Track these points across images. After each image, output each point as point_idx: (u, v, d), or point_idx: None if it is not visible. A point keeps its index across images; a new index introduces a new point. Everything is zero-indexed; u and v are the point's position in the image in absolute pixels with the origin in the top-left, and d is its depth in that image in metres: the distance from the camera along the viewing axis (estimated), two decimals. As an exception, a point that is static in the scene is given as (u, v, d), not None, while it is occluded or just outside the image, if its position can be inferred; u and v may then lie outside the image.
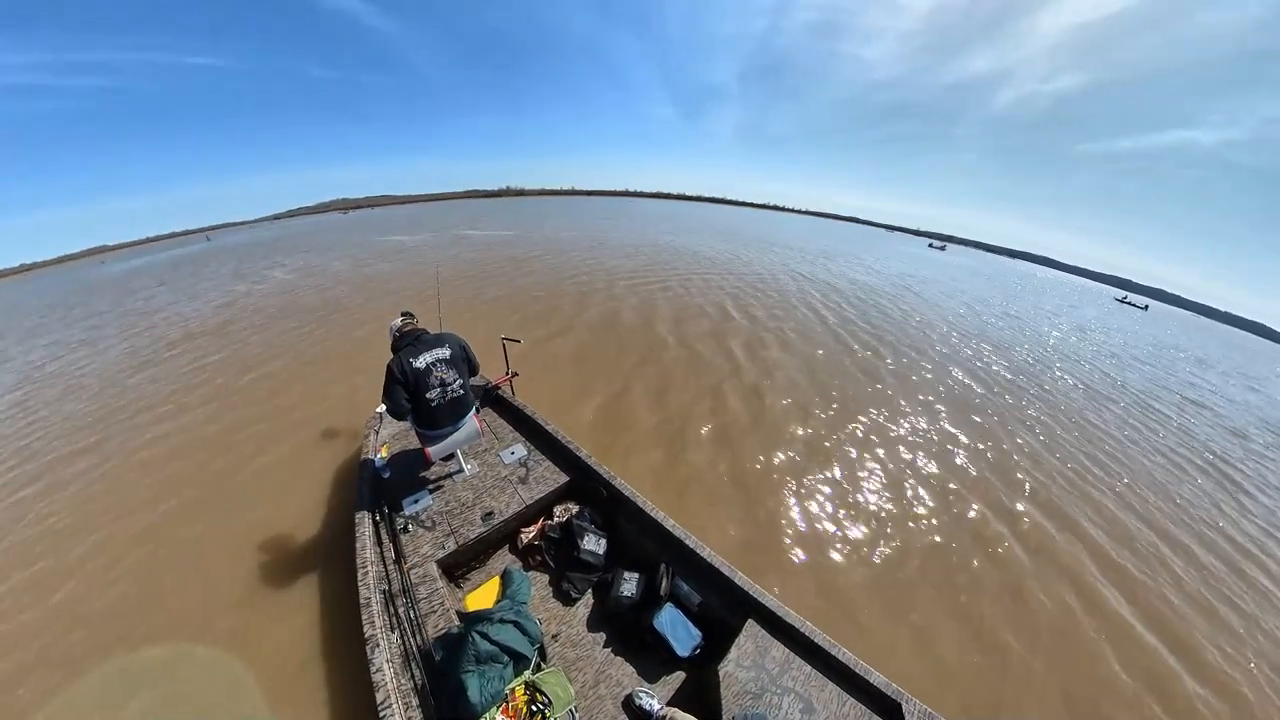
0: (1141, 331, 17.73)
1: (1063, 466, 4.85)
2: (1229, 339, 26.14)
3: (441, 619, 1.99)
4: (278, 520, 3.24)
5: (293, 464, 3.90)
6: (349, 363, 6.01)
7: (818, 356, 7.08)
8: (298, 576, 2.77)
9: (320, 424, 4.47)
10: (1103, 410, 6.85)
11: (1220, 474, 5.43)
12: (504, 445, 3.10)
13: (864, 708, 1.74)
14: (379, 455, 2.90)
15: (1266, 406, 9.39)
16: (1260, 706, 2.62)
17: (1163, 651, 2.86)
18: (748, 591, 2.05)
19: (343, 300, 9.34)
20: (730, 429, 4.63)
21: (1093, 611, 3.06)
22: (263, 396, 5.16)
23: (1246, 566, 3.78)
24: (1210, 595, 3.39)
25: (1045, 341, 11.14)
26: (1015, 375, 7.73)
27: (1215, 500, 4.76)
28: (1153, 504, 4.46)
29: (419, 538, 2.38)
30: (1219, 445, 6.39)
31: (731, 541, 3.23)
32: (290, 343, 6.89)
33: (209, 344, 7.11)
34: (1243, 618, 3.23)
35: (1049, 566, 3.40)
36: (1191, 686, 2.67)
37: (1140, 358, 11.88)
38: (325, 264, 14.14)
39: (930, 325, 10.34)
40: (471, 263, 12.82)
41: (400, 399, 2.24)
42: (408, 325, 2.49)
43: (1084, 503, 4.26)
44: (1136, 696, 2.55)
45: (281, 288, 10.94)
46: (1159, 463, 5.43)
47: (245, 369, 6.00)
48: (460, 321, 7.29)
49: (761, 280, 12.43)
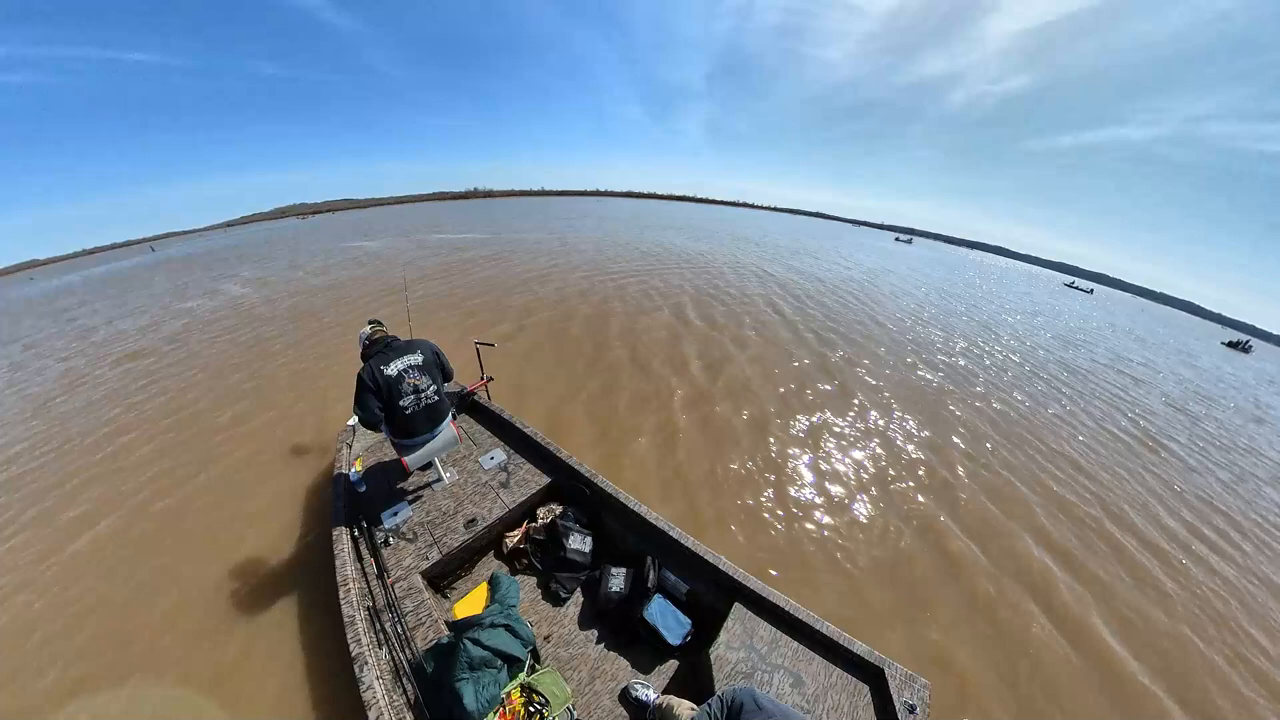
0: (1090, 314, 19.30)
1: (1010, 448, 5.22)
2: (1166, 317, 28.80)
3: (430, 630, 1.95)
4: (249, 545, 3.08)
5: (261, 485, 3.70)
6: (315, 375, 5.76)
7: (789, 340, 7.32)
8: (275, 601, 2.65)
9: (288, 441, 4.27)
10: (1038, 388, 7.38)
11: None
12: (483, 451, 3.05)
13: (850, 676, 1.83)
14: (353, 469, 2.81)
15: (1196, 379, 10.41)
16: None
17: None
18: (732, 576, 2.10)
19: (304, 310, 8.91)
20: (689, 421, 4.76)
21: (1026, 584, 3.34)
22: (223, 417, 4.86)
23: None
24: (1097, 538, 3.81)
25: (1003, 325, 11.92)
26: (988, 356, 8.23)
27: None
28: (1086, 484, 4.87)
29: (401, 550, 2.32)
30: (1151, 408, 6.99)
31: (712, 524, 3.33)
32: (249, 358, 6.53)
33: (157, 364, 6.64)
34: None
35: (982, 530, 3.69)
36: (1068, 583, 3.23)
37: (1089, 339, 12.97)
38: (283, 273, 13.43)
39: (901, 312, 10.87)
40: (440, 267, 12.48)
41: (373, 408, 2.18)
42: (377, 333, 2.42)
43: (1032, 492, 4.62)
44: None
45: (235, 301, 10.32)
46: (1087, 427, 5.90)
47: (201, 388, 5.64)
48: (431, 328, 7.12)
49: (723, 277, 12.70)
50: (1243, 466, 5.80)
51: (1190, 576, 3.55)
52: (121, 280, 17.17)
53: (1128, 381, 8.87)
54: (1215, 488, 5.05)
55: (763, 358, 6.66)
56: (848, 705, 1.74)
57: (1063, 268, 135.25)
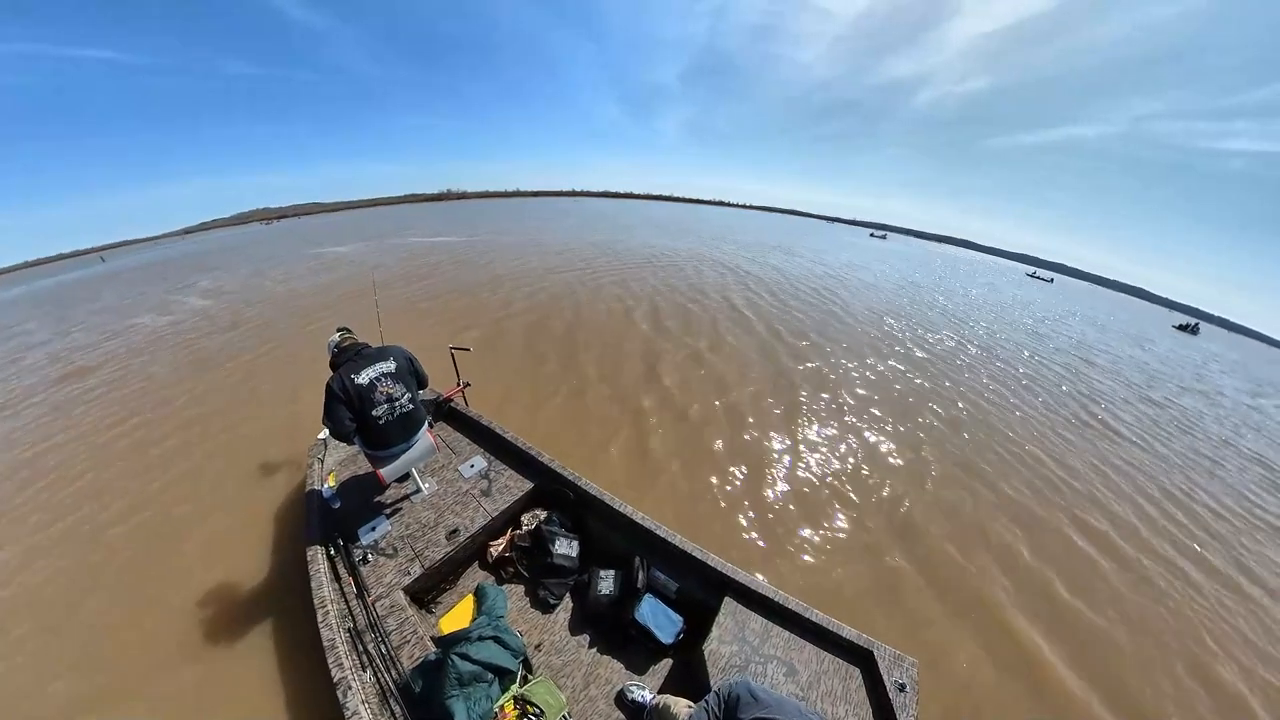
0: (1051, 303, 20.60)
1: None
2: (1119, 302, 31.15)
3: (416, 648, 1.88)
4: (216, 574, 2.90)
5: (226, 508, 3.50)
6: (280, 387, 5.51)
7: (764, 336, 7.46)
8: (248, 630, 2.50)
9: (255, 458, 4.05)
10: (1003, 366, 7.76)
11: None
12: (462, 459, 2.97)
13: (840, 660, 1.86)
14: (326, 484, 2.69)
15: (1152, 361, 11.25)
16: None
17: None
18: (721, 570, 2.11)
19: (266, 320, 8.52)
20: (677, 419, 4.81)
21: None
22: (177, 439, 4.56)
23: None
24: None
25: (977, 314, 12.46)
26: (961, 343, 8.54)
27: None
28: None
29: (381, 567, 2.23)
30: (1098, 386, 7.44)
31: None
32: (204, 374, 6.19)
33: (102, 383, 6.22)
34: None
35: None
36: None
37: (1053, 326, 13.84)
38: (246, 281, 12.80)
39: (879, 304, 11.20)
40: (412, 272, 12.14)
41: (344, 419, 2.08)
42: (346, 340, 2.32)
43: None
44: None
45: (192, 313, 9.78)
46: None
47: (158, 404, 5.32)
48: (403, 333, 6.90)
49: (701, 275, 12.84)
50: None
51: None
52: (60, 297, 16.03)
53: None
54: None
55: (738, 353, 6.80)
56: (841, 689, 1.76)
57: (1024, 259, 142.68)
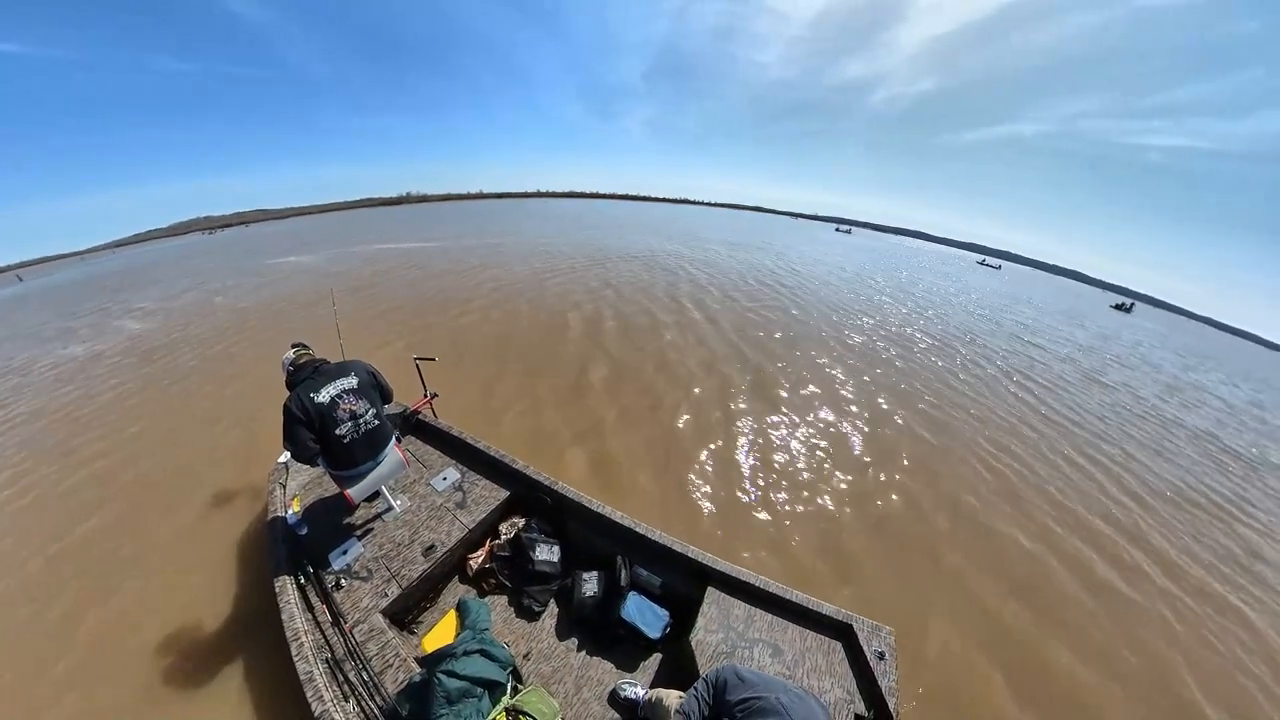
0: (1001, 289, 22.38)
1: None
2: (1060, 286, 34.30)
3: (400, 671, 1.83)
4: (176, 617, 2.68)
5: (183, 545, 3.23)
6: (236, 410, 5.16)
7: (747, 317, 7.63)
8: (218, 671, 2.33)
9: (208, 488, 3.78)
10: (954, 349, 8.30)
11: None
12: (434, 472, 2.89)
13: (822, 637, 1.94)
14: (290, 510, 2.55)
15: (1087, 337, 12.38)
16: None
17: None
18: (702, 561, 2.15)
19: (212, 338, 7.96)
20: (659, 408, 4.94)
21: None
22: (127, 475, 4.19)
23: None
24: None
25: (936, 299, 13.17)
26: (943, 334, 9.03)
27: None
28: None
29: (355, 591, 2.14)
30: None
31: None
32: (150, 401, 5.71)
33: (33, 424, 5.65)
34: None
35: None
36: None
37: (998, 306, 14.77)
38: (186, 298, 11.86)
39: (839, 296, 11.66)
40: (369, 281, 11.62)
41: (305, 440, 1.99)
42: (302, 356, 2.20)
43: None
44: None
45: (130, 336, 8.99)
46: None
47: (94, 439, 4.85)
48: (364, 347, 6.63)
49: (673, 273, 12.97)
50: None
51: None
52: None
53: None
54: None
55: (704, 344, 7.06)
56: (825, 663, 1.84)
57: (974, 248, 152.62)
